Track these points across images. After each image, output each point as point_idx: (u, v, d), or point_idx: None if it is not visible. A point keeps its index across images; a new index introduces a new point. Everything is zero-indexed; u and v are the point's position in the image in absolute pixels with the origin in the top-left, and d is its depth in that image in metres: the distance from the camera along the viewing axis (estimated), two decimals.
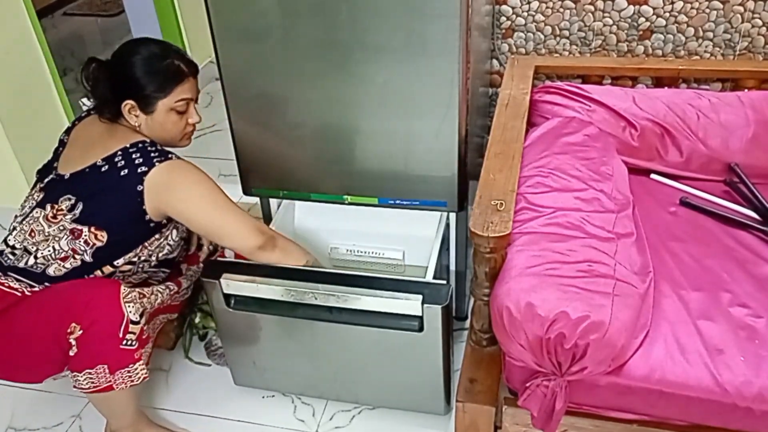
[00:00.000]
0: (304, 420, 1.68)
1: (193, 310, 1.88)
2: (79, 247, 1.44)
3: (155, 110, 1.48)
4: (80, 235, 1.44)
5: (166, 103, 1.48)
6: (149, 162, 1.42)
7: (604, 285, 1.22)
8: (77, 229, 1.44)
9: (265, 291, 1.49)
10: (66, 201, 1.45)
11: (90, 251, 1.45)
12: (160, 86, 1.47)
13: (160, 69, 1.47)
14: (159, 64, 1.47)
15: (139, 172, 1.41)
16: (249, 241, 1.47)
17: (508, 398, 1.36)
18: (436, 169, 1.58)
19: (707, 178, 1.75)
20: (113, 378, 1.40)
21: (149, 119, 1.49)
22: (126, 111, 1.47)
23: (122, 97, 1.46)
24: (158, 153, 1.45)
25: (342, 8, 1.41)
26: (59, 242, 1.44)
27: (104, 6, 4.76)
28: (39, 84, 2.42)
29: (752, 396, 1.17)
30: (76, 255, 1.45)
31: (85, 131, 1.54)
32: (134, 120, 1.48)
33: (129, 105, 1.46)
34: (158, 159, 1.43)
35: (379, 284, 1.43)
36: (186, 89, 1.52)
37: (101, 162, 1.44)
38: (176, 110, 1.51)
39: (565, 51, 2.01)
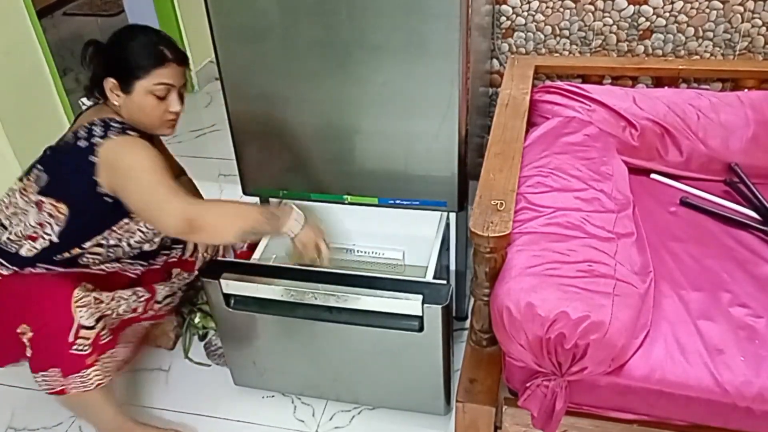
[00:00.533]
0: (304, 420, 1.68)
1: (193, 310, 1.88)
2: (45, 220, 1.44)
3: (133, 90, 1.44)
4: (42, 207, 1.44)
5: (144, 85, 1.44)
6: (104, 135, 1.40)
7: (604, 285, 1.22)
8: (41, 201, 1.44)
9: (265, 291, 1.49)
10: (35, 173, 1.47)
11: (57, 227, 1.44)
12: (138, 66, 1.43)
13: (142, 50, 1.44)
14: (143, 45, 1.45)
15: (93, 142, 1.39)
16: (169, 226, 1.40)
17: (508, 398, 1.36)
18: (436, 169, 1.58)
19: (707, 178, 1.75)
20: (66, 382, 1.41)
21: (128, 100, 1.45)
22: (108, 90, 1.45)
23: (103, 76, 1.45)
24: (119, 128, 1.42)
25: (342, 8, 1.41)
26: (28, 216, 1.45)
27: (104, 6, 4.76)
28: (39, 84, 2.42)
29: (752, 396, 1.17)
30: (44, 233, 1.45)
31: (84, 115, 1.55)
32: (115, 99, 1.46)
33: (110, 83, 1.44)
34: (115, 132, 1.41)
35: (379, 284, 1.44)
36: (166, 74, 1.45)
37: (70, 135, 1.45)
38: (154, 94, 1.45)
39: (565, 51, 2.01)
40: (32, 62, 2.38)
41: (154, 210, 1.40)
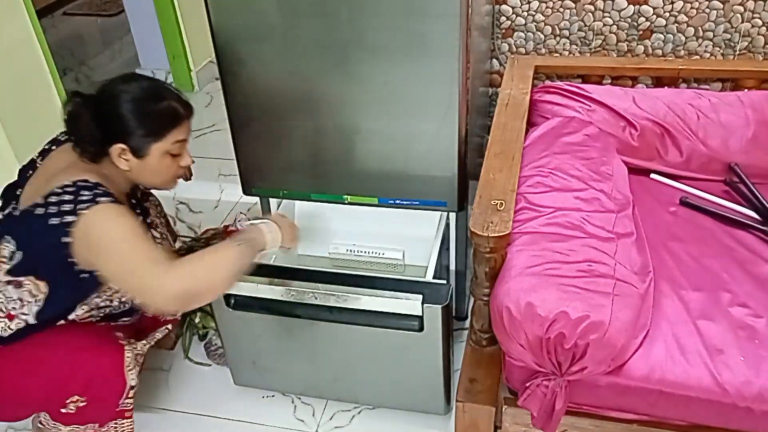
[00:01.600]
0: (304, 420, 1.68)
1: (193, 311, 1.88)
2: (25, 297, 1.32)
3: (148, 154, 1.36)
4: (21, 285, 1.32)
5: (161, 147, 1.36)
6: (74, 210, 1.25)
7: (604, 285, 1.22)
8: (16, 281, 1.32)
9: (265, 291, 1.49)
10: (5, 244, 1.33)
11: (35, 307, 1.33)
12: (154, 130, 1.35)
13: (156, 111, 1.35)
14: (155, 105, 1.35)
15: (65, 221, 1.25)
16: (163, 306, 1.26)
17: (508, 398, 1.37)
18: (436, 169, 1.58)
19: (707, 178, 1.75)
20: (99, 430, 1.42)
21: (141, 163, 1.36)
22: (116, 155, 1.34)
23: (111, 140, 1.33)
24: (90, 196, 1.26)
25: (342, 8, 1.41)
26: (7, 290, 1.33)
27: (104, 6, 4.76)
28: (39, 84, 2.42)
29: (752, 396, 1.17)
30: (22, 312, 1.33)
31: (54, 160, 1.40)
32: (124, 164, 1.36)
33: (120, 149, 1.33)
34: (84, 206, 1.25)
35: (379, 284, 1.44)
36: (182, 131, 1.40)
37: (41, 200, 1.29)
38: (170, 153, 1.39)
39: (565, 51, 2.01)
40: (32, 62, 2.38)
41: (140, 288, 1.25)
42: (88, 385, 1.36)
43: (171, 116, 1.37)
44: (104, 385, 1.38)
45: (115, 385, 1.39)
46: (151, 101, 1.35)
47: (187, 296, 1.24)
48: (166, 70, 3.44)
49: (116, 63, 3.86)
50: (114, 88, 1.36)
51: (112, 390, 1.39)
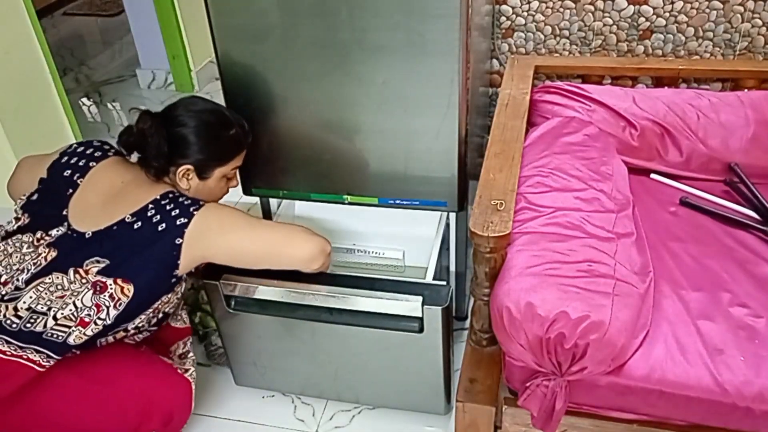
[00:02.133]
0: (304, 420, 1.68)
1: (193, 310, 1.88)
2: (104, 302, 1.31)
3: (211, 177, 1.47)
4: (105, 289, 1.31)
5: (222, 171, 1.48)
6: (187, 213, 1.34)
7: (604, 285, 1.22)
8: (101, 282, 1.31)
9: (265, 291, 1.49)
10: (94, 264, 1.32)
11: (113, 311, 1.31)
12: (222, 155, 1.47)
13: (225, 138, 1.46)
14: (224, 132, 1.46)
15: (178, 224, 1.33)
16: (306, 250, 1.38)
17: (508, 398, 1.37)
18: (436, 169, 1.58)
19: (707, 178, 1.75)
20: None
21: (201, 184, 1.46)
22: (180, 174, 1.43)
23: (178, 161, 1.41)
24: (191, 201, 1.38)
25: (342, 8, 1.41)
26: (81, 298, 1.30)
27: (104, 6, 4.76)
28: (39, 84, 2.42)
29: (752, 396, 1.17)
30: (98, 317, 1.30)
31: (105, 177, 1.43)
32: (185, 183, 1.44)
33: (185, 169, 1.42)
34: (194, 207, 1.36)
35: (379, 285, 1.44)
36: (241, 158, 1.53)
37: (131, 218, 1.34)
38: (227, 177, 1.52)
39: (565, 51, 2.01)
40: (32, 62, 2.38)
41: (284, 247, 1.38)
42: (166, 420, 1.43)
43: (236, 143, 1.50)
44: (179, 418, 1.47)
45: (185, 416, 1.49)
46: (220, 127, 1.46)
47: (325, 252, 1.40)
48: (166, 70, 3.44)
49: (116, 63, 3.86)
50: (183, 111, 1.44)
51: (183, 420, 1.49)
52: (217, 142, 1.45)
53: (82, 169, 1.44)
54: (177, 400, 1.45)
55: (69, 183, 1.42)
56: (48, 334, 1.27)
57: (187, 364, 1.55)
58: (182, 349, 1.60)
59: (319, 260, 1.40)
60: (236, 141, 1.49)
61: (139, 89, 3.49)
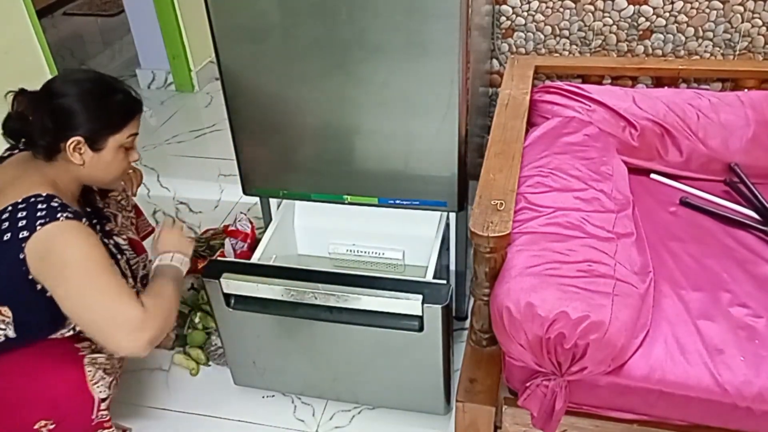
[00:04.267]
0: (304, 420, 1.68)
1: (193, 310, 1.88)
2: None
3: (105, 147, 1.34)
4: None
5: (118, 140, 1.35)
6: (31, 224, 1.20)
7: (604, 285, 1.22)
8: None
9: (265, 291, 1.49)
10: None
11: (11, 330, 1.27)
12: (113, 122, 1.34)
13: (113, 104, 1.34)
14: (111, 98, 1.35)
15: (20, 237, 1.20)
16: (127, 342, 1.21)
17: (508, 398, 1.37)
18: (436, 169, 1.58)
19: (707, 178, 1.75)
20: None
21: (96, 157, 1.34)
22: (71, 148, 1.30)
23: (66, 134, 1.29)
24: (47, 211, 1.22)
25: (342, 8, 1.41)
26: None
27: (104, 6, 4.76)
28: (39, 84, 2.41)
29: (752, 396, 1.17)
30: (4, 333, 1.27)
31: (2, 174, 1.34)
32: (78, 158, 1.31)
33: (76, 142, 1.30)
34: (42, 221, 1.21)
35: (379, 284, 1.44)
36: (135, 124, 1.40)
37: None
38: (124, 147, 1.38)
39: (565, 51, 2.01)
40: (32, 62, 2.37)
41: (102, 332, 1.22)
42: (53, 407, 1.32)
43: (127, 109, 1.37)
44: (70, 404, 1.34)
45: (82, 402, 1.35)
46: (107, 93, 1.35)
47: (153, 343, 1.23)
48: (166, 70, 3.44)
49: (116, 63, 3.86)
50: (63, 82, 1.35)
51: (80, 407, 1.35)
52: (104, 108, 1.33)
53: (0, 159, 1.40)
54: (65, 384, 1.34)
55: None
56: None
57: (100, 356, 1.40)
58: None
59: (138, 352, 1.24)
60: (125, 105, 1.37)
61: (139, 89, 3.49)
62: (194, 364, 1.81)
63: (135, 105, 1.39)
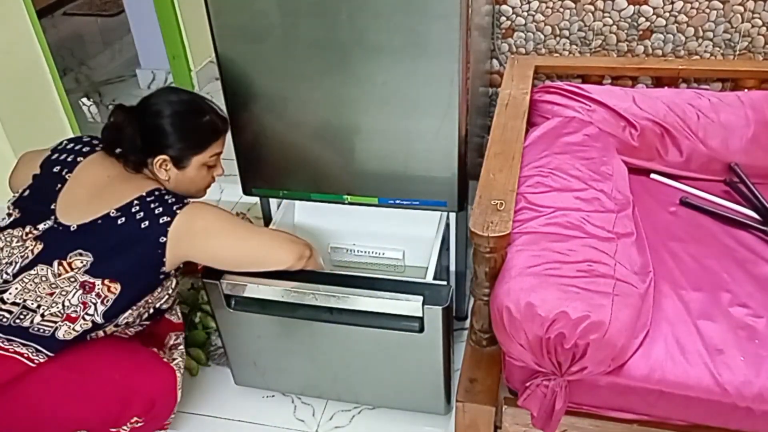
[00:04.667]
0: (304, 420, 1.68)
1: (193, 310, 1.88)
2: (90, 300, 1.33)
3: (188, 166, 1.46)
4: (92, 289, 1.33)
5: (200, 159, 1.47)
6: (170, 211, 1.35)
7: (604, 285, 1.22)
8: (89, 282, 1.33)
9: (266, 291, 1.49)
10: (77, 257, 1.34)
11: (101, 308, 1.34)
12: (197, 143, 1.45)
13: (199, 126, 1.46)
14: (197, 120, 1.46)
15: (161, 222, 1.34)
16: (289, 254, 1.41)
17: (508, 398, 1.37)
18: (436, 169, 1.58)
19: (707, 178, 1.75)
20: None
21: (180, 174, 1.46)
22: (157, 165, 1.43)
23: (154, 151, 1.42)
24: (175, 199, 1.39)
25: (342, 8, 1.41)
26: (69, 297, 1.32)
27: (104, 6, 4.76)
28: (39, 84, 2.42)
29: (752, 396, 1.17)
30: (86, 314, 1.33)
31: (92, 172, 1.44)
32: (164, 174, 1.44)
33: (162, 160, 1.42)
34: (178, 206, 1.37)
35: (379, 285, 1.44)
36: (219, 144, 1.51)
37: (115, 212, 1.36)
38: (207, 165, 1.50)
39: (565, 51, 2.01)
40: (32, 62, 2.38)
41: (264, 252, 1.41)
42: (150, 407, 1.41)
43: (211, 130, 1.48)
44: (161, 405, 1.44)
45: (170, 404, 1.46)
46: (193, 115, 1.46)
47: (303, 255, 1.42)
48: (166, 70, 3.44)
49: (116, 63, 3.86)
50: (157, 101, 1.44)
51: (168, 408, 1.47)
52: (191, 130, 1.45)
53: (70, 165, 1.46)
54: (159, 387, 1.43)
55: (58, 178, 1.44)
56: (35, 329, 1.30)
57: (175, 354, 1.55)
58: (174, 340, 1.61)
59: (297, 266, 1.43)
60: (211, 128, 1.48)
61: (139, 89, 3.48)
62: (194, 364, 1.81)
63: (217, 128, 1.50)
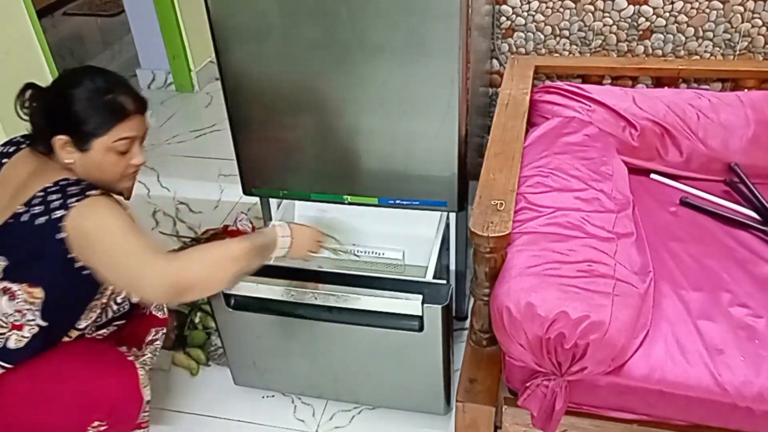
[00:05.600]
0: (304, 420, 1.68)
1: (193, 310, 1.88)
2: (22, 306, 1.26)
3: (90, 149, 1.29)
4: (14, 296, 1.26)
5: (104, 142, 1.28)
6: (65, 204, 1.21)
7: (604, 285, 1.22)
8: (8, 290, 1.25)
9: (265, 291, 1.49)
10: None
11: (38, 312, 1.27)
12: (97, 124, 1.27)
13: (100, 104, 1.28)
14: (99, 98, 1.28)
15: (54, 218, 1.21)
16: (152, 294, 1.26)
17: (508, 398, 1.37)
18: (436, 169, 1.58)
19: (707, 178, 1.75)
20: None
21: (84, 157, 1.29)
22: (58, 146, 1.28)
23: (55, 131, 1.28)
24: (78, 189, 1.24)
25: (342, 8, 1.41)
26: (1, 304, 1.26)
27: (104, 6, 4.76)
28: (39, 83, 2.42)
29: (752, 396, 1.17)
30: (27, 320, 1.27)
31: (15, 169, 1.34)
32: (66, 157, 1.29)
33: (61, 140, 1.27)
34: (75, 198, 1.22)
35: (379, 284, 1.44)
36: (128, 128, 1.31)
37: (21, 208, 1.25)
38: (116, 150, 1.30)
39: (565, 51, 2.01)
40: (32, 62, 2.37)
41: (131, 277, 1.22)
42: (110, 408, 1.36)
43: (115, 111, 1.29)
44: (124, 406, 1.39)
45: (134, 404, 1.41)
46: (98, 94, 1.29)
47: (179, 288, 1.20)
48: (166, 70, 3.44)
49: (116, 63, 3.86)
50: (65, 80, 1.32)
51: (132, 409, 1.41)
52: (90, 108, 1.28)
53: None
54: (118, 387, 1.38)
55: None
56: None
57: (147, 350, 1.51)
58: (152, 335, 1.56)
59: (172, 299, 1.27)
60: (115, 108, 1.29)
61: (139, 89, 3.48)
62: (194, 364, 1.81)
63: (124, 109, 1.30)
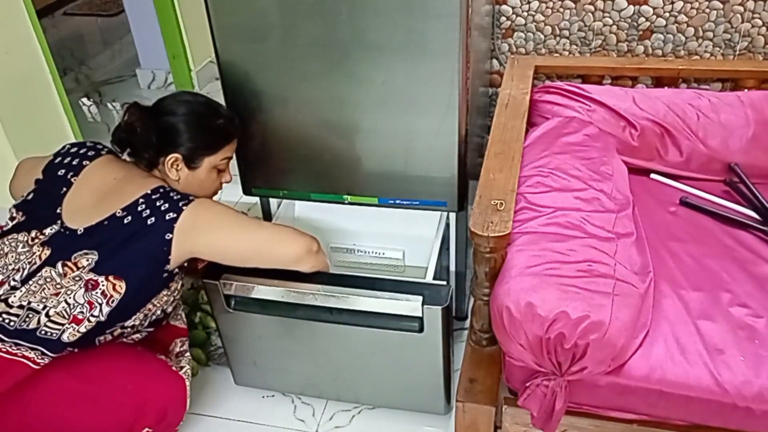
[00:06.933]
0: (304, 420, 1.68)
1: (193, 310, 1.88)
2: (96, 299, 1.32)
3: (200, 166, 1.47)
4: (96, 286, 1.32)
5: (212, 161, 1.48)
6: (176, 207, 1.35)
7: (604, 285, 1.22)
8: (93, 280, 1.32)
9: (265, 291, 1.49)
10: (82, 256, 1.33)
11: (106, 308, 1.32)
12: (210, 144, 1.47)
13: (212, 127, 1.47)
14: (211, 121, 1.48)
15: (167, 219, 1.34)
16: (296, 247, 1.39)
17: (508, 398, 1.37)
18: (436, 169, 1.58)
19: (707, 178, 1.75)
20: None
21: (190, 175, 1.47)
22: (169, 164, 1.44)
23: (167, 149, 1.43)
24: (180, 196, 1.38)
25: (342, 8, 1.41)
26: (73, 295, 1.31)
27: (104, 6, 4.76)
28: (39, 84, 2.42)
29: (752, 396, 1.17)
30: (92, 315, 1.31)
31: (98, 176, 1.44)
32: (174, 174, 1.45)
33: (174, 158, 1.43)
34: (183, 203, 1.36)
35: (379, 285, 1.44)
36: (231, 149, 1.53)
37: (121, 212, 1.36)
38: (217, 168, 1.51)
39: (565, 51, 2.01)
40: (32, 62, 2.37)
41: (271, 245, 1.40)
42: (161, 417, 1.42)
43: (224, 133, 1.50)
44: (172, 415, 1.45)
45: (180, 413, 1.48)
46: (208, 116, 1.48)
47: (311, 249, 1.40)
48: (166, 70, 3.44)
49: (116, 63, 3.86)
50: (172, 101, 1.47)
51: (178, 417, 1.48)
52: (204, 130, 1.46)
53: (75, 168, 1.45)
54: (171, 397, 1.45)
55: (63, 182, 1.44)
56: (42, 331, 1.29)
57: (182, 362, 1.55)
58: (179, 347, 1.60)
59: (306, 260, 1.41)
60: (224, 130, 1.50)
61: (139, 89, 3.49)
62: (194, 364, 1.81)
63: (230, 131, 1.52)
